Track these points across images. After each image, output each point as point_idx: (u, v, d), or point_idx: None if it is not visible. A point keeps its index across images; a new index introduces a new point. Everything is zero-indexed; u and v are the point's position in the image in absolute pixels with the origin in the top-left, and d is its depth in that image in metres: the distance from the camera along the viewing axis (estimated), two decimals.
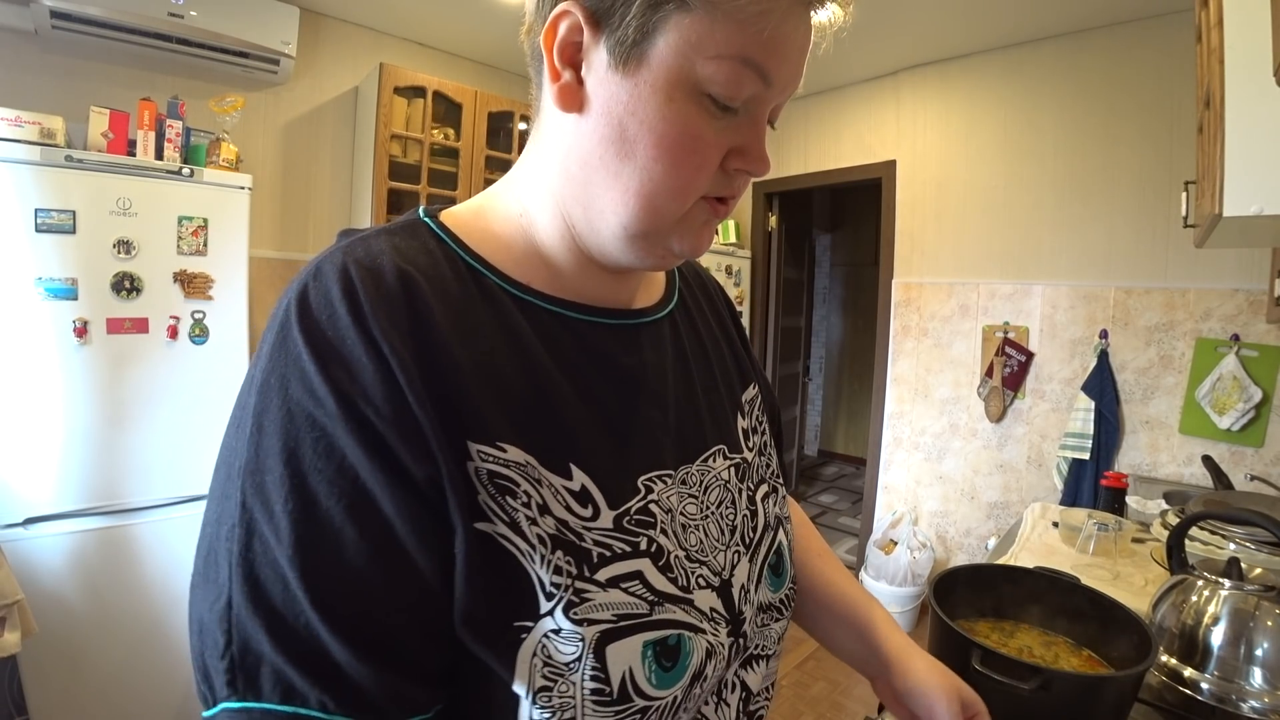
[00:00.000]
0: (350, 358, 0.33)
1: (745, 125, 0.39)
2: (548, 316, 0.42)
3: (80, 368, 1.61)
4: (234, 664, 0.30)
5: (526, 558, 0.35)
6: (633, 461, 0.42)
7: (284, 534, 0.31)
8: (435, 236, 0.41)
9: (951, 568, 0.88)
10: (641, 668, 0.36)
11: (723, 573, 0.44)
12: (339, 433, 0.32)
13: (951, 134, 2.81)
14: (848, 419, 5.66)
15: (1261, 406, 2.04)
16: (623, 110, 0.37)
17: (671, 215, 0.39)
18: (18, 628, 1.41)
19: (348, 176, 2.66)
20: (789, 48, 0.38)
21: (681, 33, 0.36)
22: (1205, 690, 0.77)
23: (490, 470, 0.35)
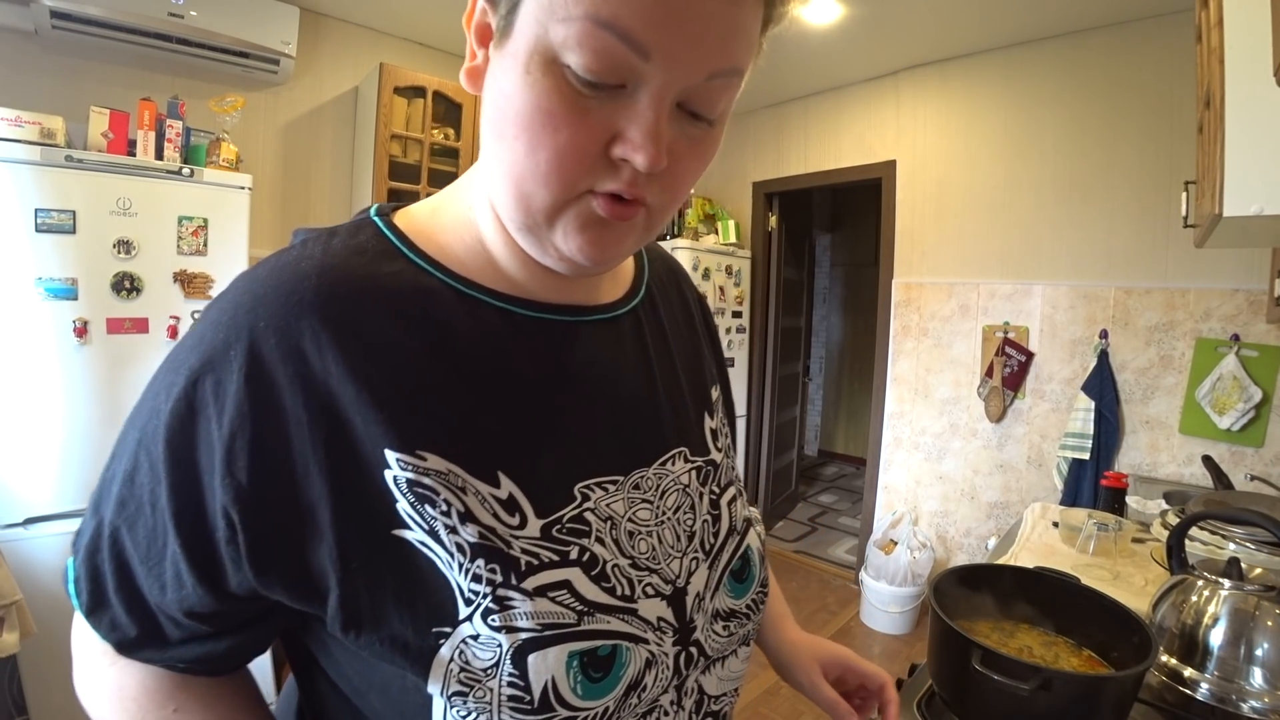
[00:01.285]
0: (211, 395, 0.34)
1: (629, 106, 0.33)
2: (493, 314, 0.41)
3: (80, 368, 1.61)
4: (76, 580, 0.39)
5: (445, 565, 0.35)
6: (571, 468, 0.41)
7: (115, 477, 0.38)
8: (380, 236, 0.40)
9: (951, 568, 0.88)
10: (566, 678, 0.36)
11: (676, 580, 0.43)
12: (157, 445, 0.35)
13: (951, 134, 2.81)
14: (848, 419, 5.66)
15: (1261, 406, 2.04)
16: (495, 87, 0.35)
17: (541, 205, 0.35)
18: (16, 628, 1.41)
19: (348, 176, 2.66)
20: (674, 6, 0.30)
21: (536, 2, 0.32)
22: (1205, 690, 0.77)
23: (410, 479, 0.35)
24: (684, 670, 0.42)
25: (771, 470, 3.85)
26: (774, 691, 2.34)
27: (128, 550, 0.36)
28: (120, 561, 0.37)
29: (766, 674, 2.45)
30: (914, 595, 2.73)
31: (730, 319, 3.49)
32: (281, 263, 0.37)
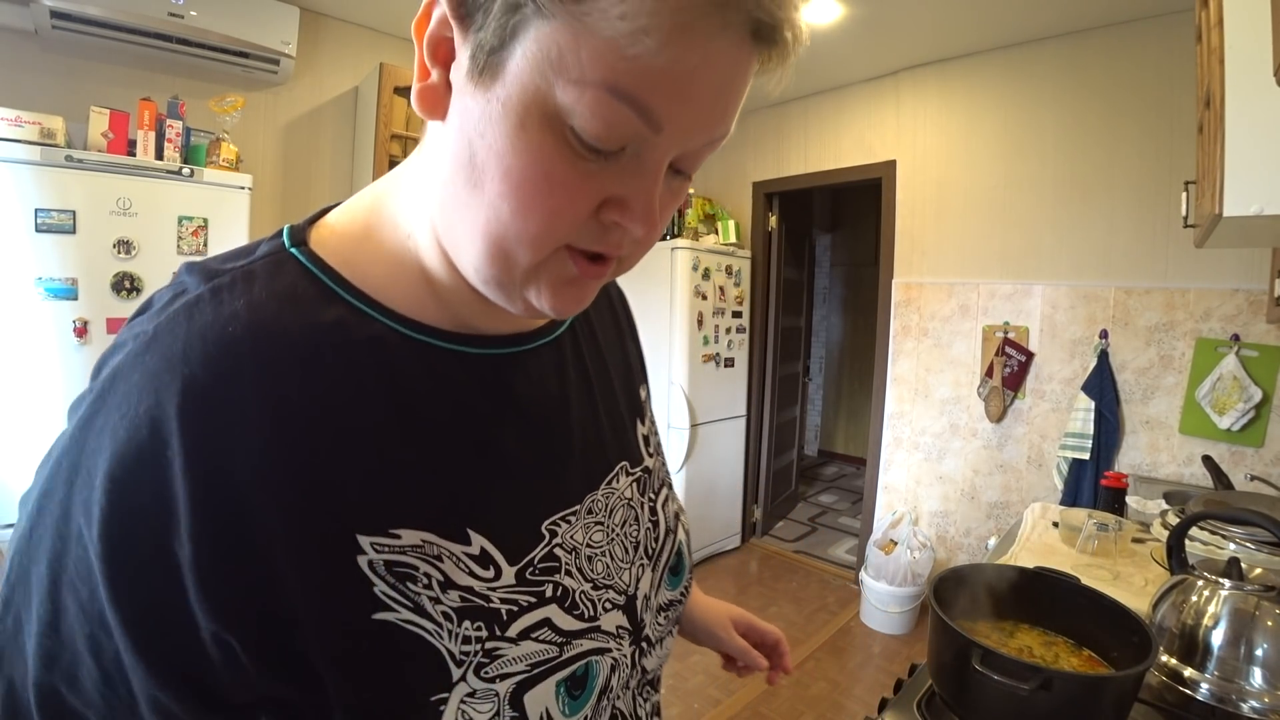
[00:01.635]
0: (161, 495, 0.28)
1: (630, 172, 0.31)
2: (446, 357, 0.38)
3: (80, 368, 1.61)
4: None
5: (434, 636, 0.34)
6: (535, 507, 0.40)
7: (33, 631, 0.29)
8: (308, 275, 0.35)
9: (951, 568, 0.88)
10: (555, 703, 0.37)
11: (628, 589, 0.45)
12: (98, 567, 0.28)
13: (951, 134, 2.81)
14: (848, 419, 5.66)
15: (1261, 406, 2.05)
16: (473, 129, 0.31)
17: (522, 265, 0.33)
18: None
19: (348, 176, 2.66)
20: (692, 81, 0.28)
21: (541, 45, 0.28)
22: (1205, 690, 0.78)
23: (386, 560, 0.33)
24: (637, 662, 0.45)
25: (771, 470, 3.85)
26: (774, 692, 2.34)
27: (71, 711, 0.29)
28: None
29: None
30: (914, 595, 2.73)
31: (730, 319, 3.49)
32: (200, 325, 0.31)
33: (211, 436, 0.29)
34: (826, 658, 2.59)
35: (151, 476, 0.28)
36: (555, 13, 0.27)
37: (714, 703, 2.26)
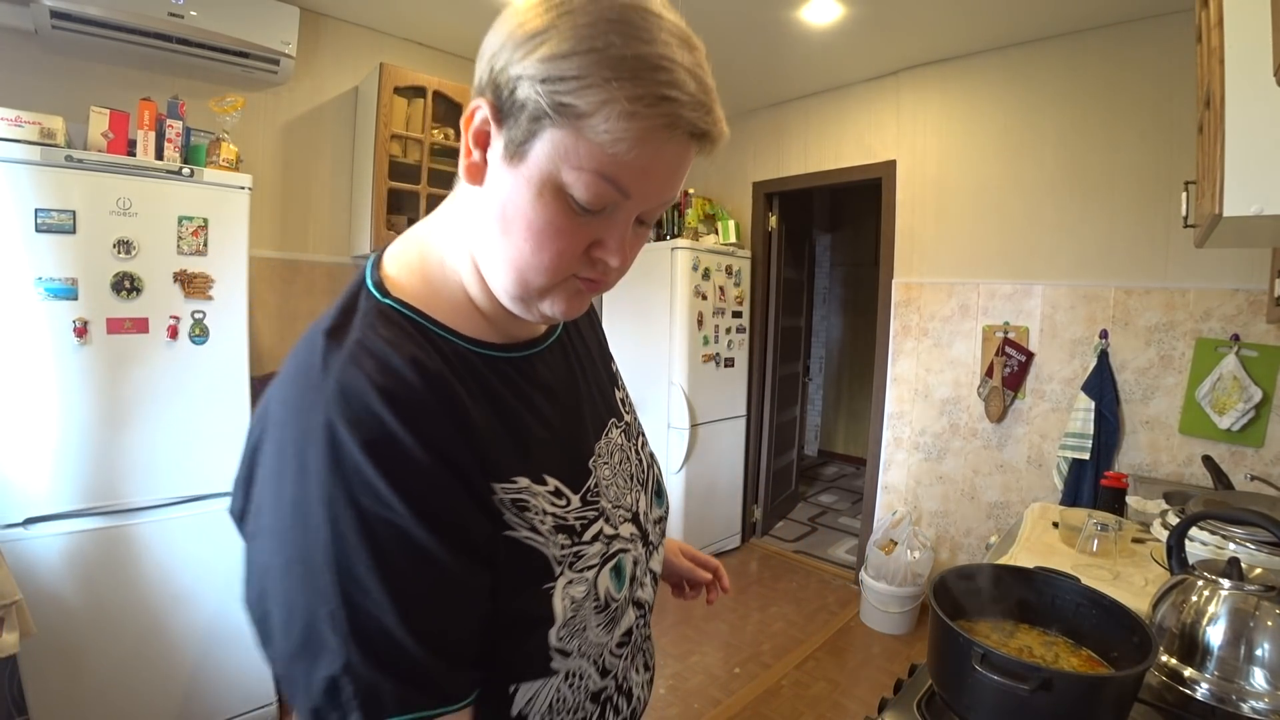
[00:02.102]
0: (411, 465, 0.42)
1: (607, 224, 0.47)
2: (502, 363, 0.54)
3: (80, 368, 1.61)
4: (364, 701, 0.40)
5: (542, 545, 0.50)
6: (580, 454, 0.58)
7: (384, 605, 0.41)
8: (408, 320, 0.50)
9: (951, 568, 0.88)
10: (610, 583, 0.55)
11: (634, 508, 0.62)
12: (412, 527, 0.41)
13: (951, 134, 2.81)
14: (848, 419, 5.66)
15: (1261, 406, 2.05)
16: (505, 195, 0.46)
17: (538, 286, 0.48)
18: (16, 628, 1.41)
19: (348, 176, 2.66)
20: (651, 169, 0.44)
21: (554, 143, 0.43)
22: (1205, 690, 0.78)
23: (511, 499, 0.49)
24: (646, 561, 0.63)
25: (771, 470, 3.85)
26: (774, 691, 2.34)
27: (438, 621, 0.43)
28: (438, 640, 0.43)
29: (767, 674, 2.45)
30: (914, 595, 2.73)
31: (730, 319, 3.49)
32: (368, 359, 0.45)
33: (418, 422, 0.43)
34: (826, 658, 2.59)
35: (399, 454, 0.42)
36: (564, 125, 0.42)
37: (714, 703, 2.26)
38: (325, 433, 0.41)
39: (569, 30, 0.41)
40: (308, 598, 0.41)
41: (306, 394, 0.44)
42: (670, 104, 0.41)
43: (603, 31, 0.41)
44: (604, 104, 0.40)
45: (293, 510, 0.42)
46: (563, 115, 0.41)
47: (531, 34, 0.42)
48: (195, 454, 1.80)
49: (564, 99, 0.41)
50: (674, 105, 0.41)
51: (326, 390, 0.43)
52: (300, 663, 0.41)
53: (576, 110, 0.41)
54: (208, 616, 1.84)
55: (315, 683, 0.41)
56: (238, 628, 1.90)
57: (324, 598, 0.40)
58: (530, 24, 0.42)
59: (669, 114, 0.41)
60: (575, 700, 0.55)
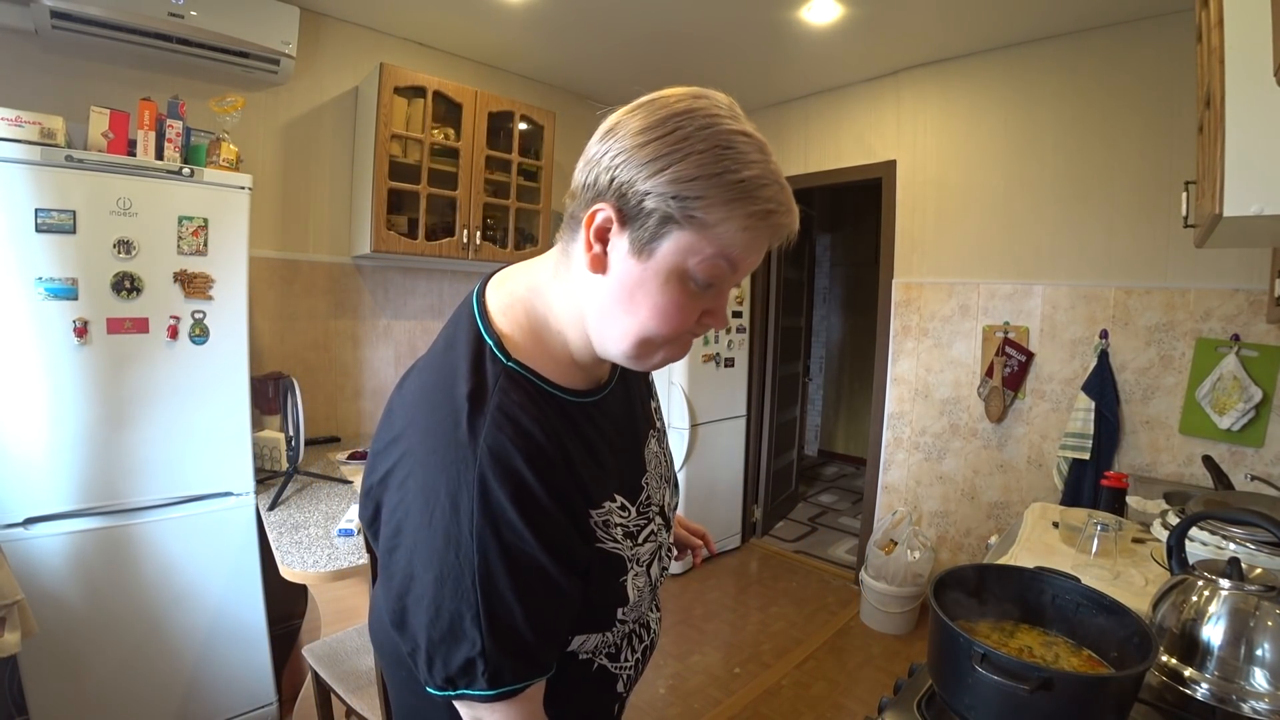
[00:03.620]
0: (543, 511, 0.56)
1: (714, 295, 0.59)
2: (590, 409, 0.67)
3: (80, 368, 1.61)
4: (491, 674, 0.56)
5: (619, 550, 0.66)
6: (636, 472, 0.73)
7: (514, 611, 0.56)
8: (529, 382, 0.62)
9: (951, 568, 0.88)
10: (657, 571, 0.73)
11: (663, 503, 0.76)
12: (538, 554, 0.56)
13: (951, 134, 2.81)
14: (848, 419, 5.66)
15: (1261, 406, 2.04)
16: (634, 283, 0.57)
17: (658, 348, 0.61)
18: (18, 628, 1.41)
19: (348, 176, 2.66)
20: (754, 252, 0.57)
21: (681, 242, 0.54)
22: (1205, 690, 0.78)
23: (602, 519, 0.64)
24: (669, 542, 0.79)
25: (771, 470, 3.85)
26: (774, 691, 2.34)
27: (549, 620, 0.59)
28: (546, 633, 0.59)
29: (767, 674, 2.45)
30: (914, 595, 2.73)
31: (730, 319, 3.49)
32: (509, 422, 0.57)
33: (548, 478, 0.57)
34: (826, 658, 2.59)
35: (535, 504, 0.56)
36: (691, 229, 0.54)
37: (714, 703, 2.26)
38: (479, 485, 0.55)
39: (693, 158, 0.52)
40: (456, 603, 0.55)
41: (458, 450, 0.56)
42: (774, 216, 0.55)
43: (718, 158, 0.53)
44: (727, 218, 0.53)
45: (444, 538, 0.55)
46: (692, 224, 0.53)
47: (656, 157, 0.53)
48: (195, 454, 1.80)
49: (694, 213, 0.53)
50: (776, 217, 0.56)
51: (479, 451, 0.55)
52: (442, 646, 0.56)
53: (706, 222, 0.53)
54: (208, 616, 1.84)
55: (454, 661, 0.56)
56: (238, 628, 1.91)
57: (469, 603, 0.55)
58: (652, 148, 0.53)
59: (774, 224, 0.56)
60: (612, 640, 0.71)
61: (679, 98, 0.55)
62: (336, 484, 2.08)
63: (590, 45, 2.81)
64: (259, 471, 1.98)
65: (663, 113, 0.54)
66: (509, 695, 0.57)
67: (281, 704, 2.02)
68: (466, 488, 0.54)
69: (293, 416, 1.95)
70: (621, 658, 0.74)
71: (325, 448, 2.50)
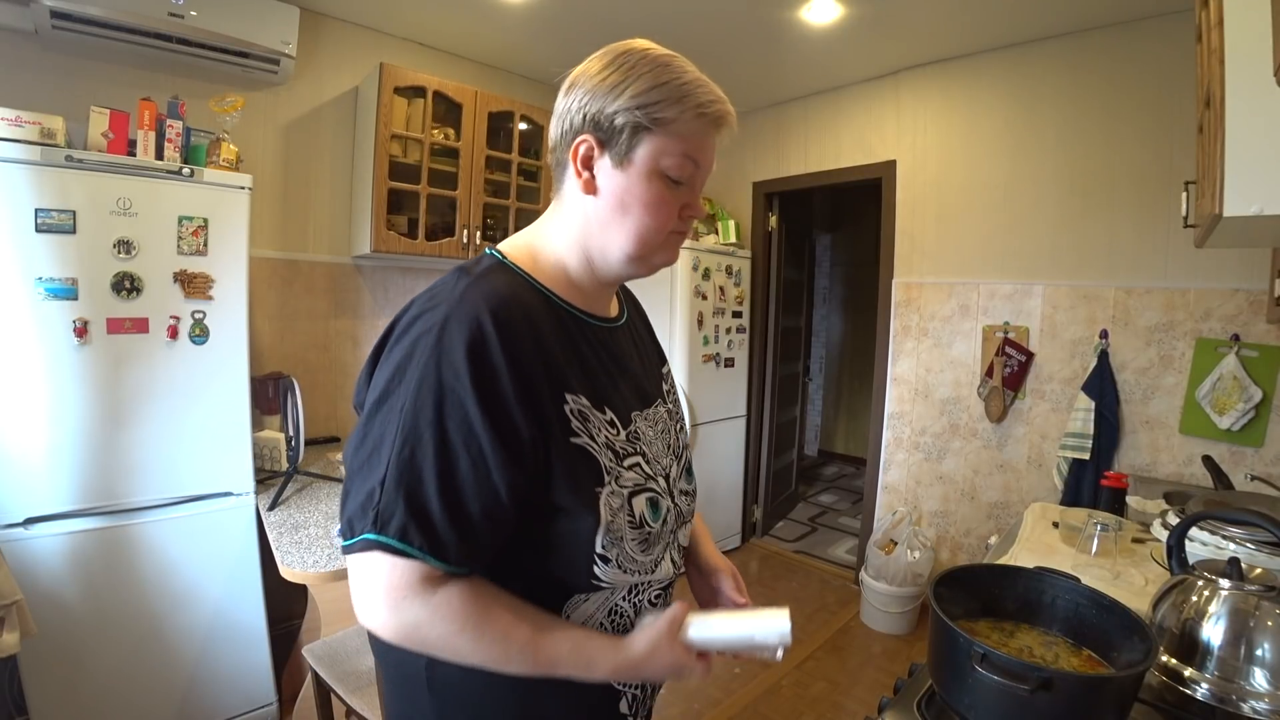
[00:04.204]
0: (494, 360, 0.58)
1: (689, 191, 0.69)
2: (581, 321, 0.71)
3: (80, 368, 1.61)
4: (378, 514, 0.55)
5: (598, 453, 0.65)
6: (627, 404, 0.73)
7: (427, 450, 0.56)
8: (517, 274, 0.68)
9: (951, 568, 0.88)
10: (647, 511, 0.68)
11: (667, 471, 0.75)
12: (471, 405, 0.56)
13: (952, 134, 2.81)
14: (848, 419, 5.66)
15: (1261, 406, 2.04)
16: (623, 190, 0.67)
17: (656, 241, 0.69)
18: (16, 628, 1.41)
19: (348, 176, 2.66)
20: (708, 146, 0.68)
21: (652, 145, 0.65)
22: (1205, 690, 0.78)
23: (577, 409, 0.64)
24: (675, 524, 0.75)
25: (771, 470, 3.85)
26: (774, 691, 2.34)
27: (457, 486, 0.56)
28: (452, 501, 0.56)
29: (766, 674, 2.45)
30: (914, 595, 2.73)
31: (730, 319, 3.49)
32: (486, 288, 0.62)
33: (508, 337, 0.59)
34: (826, 658, 2.59)
35: (486, 353, 0.58)
36: (658, 131, 0.65)
37: (714, 703, 2.26)
38: (440, 325, 0.58)
39: (645, 76, 0.65)
40: (382, 430, 0.57)
41: (436, 299, 0.61)
42: (715, 105, 0.66)
43: (663, 72, 0.65)
44: (681, 114, 0.65)
45: (394, 371, 0.59)
46: (658, 124, 0.64)
47: (614, 85, 0.65)
48: (195, 454, 1.80)
49: (656, 114, 0.64)
50: (717, 105, 0.66)
51: (452, 299, 0.60)
52: (358, 477, 0.58)
53: (667, 119, 0.64)
54: (208, 616, 1.84)
55: (361, 494, 0.57)
56: (237, 628, 1.90)
57: (391, 431, 0.56)
58: (609, 80, 0.65)
59: (717, 112, 0.66)
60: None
61: (618, 45, 0.68)
62: (337, 484, 2.08)
63: (590, 45, 2.76)
64: (259, 471, 1.98)
65: (609, 55, 0.67)
66: (393, 552, 0.55)
67: (281, 704, 2.02)
68: (431, 330, 0.58)
69: (293, 416, 1.95)
70: None
71: (325, 448, 2.50)
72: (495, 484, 0.57)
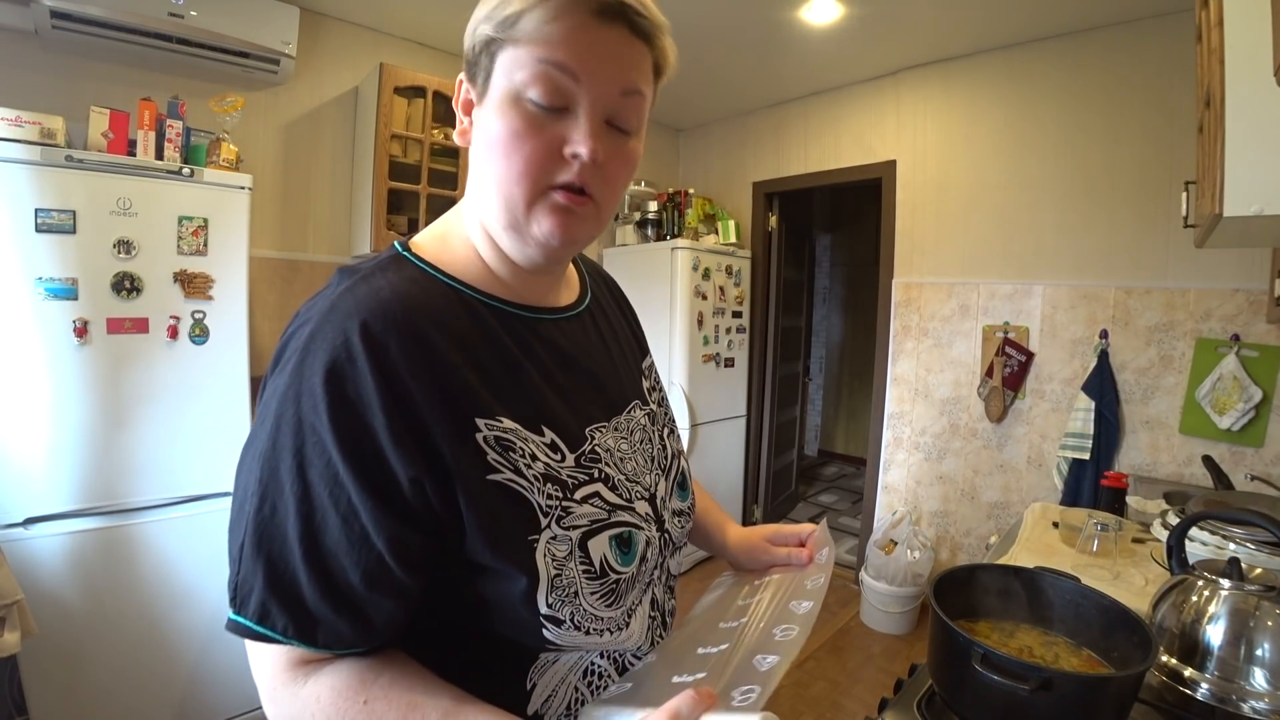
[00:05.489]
0: (360, 388, 0.44)
1: (573, 122, 0.49)
2: (510, 316, 0.56)
3: (80, 368, 1.61)
4: (237, 588, 0.45)
5: (528, 492, 0.50)
6: (579, 418, 0.57)
7: (288, 505, 0.44)
8: (417, 268, 0.53)
9: (951, 568, 0.88)
10: (611, 552, 0.53)
11: (651, 489, 0.61)
12: (328, 440, 0.44)
13: (952, 134, 2.81)
14: (848, 419, 5.66)
15: (1261, 406, 2.04)
16: (480, 132, 0.51)
17: (520, 200, 0.50)
18: (17, 628, 1.41)
19: (348, 176, 2.66)
20: (589, 48, 0.48)
21: (503, 63, 0.49)
22: (1205, 690, 0.78)
23: (495, 436, 0.49)
24: (663, 552, 0.61)
25: (771, 470, 3.85)
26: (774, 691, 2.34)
27: (327, 549, 0.44)
28: (320, 568, 0.44)
29: None
30: (914, 595, 2.73)
31: (730, 319, 3.49)
32: (363, 293, 0.48)
33: (381, 354, 0.45)
34: (826, 658, 2.59)
35: (351, 379, 0.44)
36: (507, 42, 0.48)
37: None
38: (305, 343, 0.46)
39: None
40: (245, 479, 0.46)
41: (308, 312, 0.49)
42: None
43: None
44: (527, 10, 0.47)
45: (262, 406, 0.48)
46: (502, 31, 0.48)
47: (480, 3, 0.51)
48: (195, 454, 1.80)
49: (498, 16, 0.48)
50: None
51: (320, 311, 0.48)
52: (232, 532, 0.47)
53: (510, 19, 0.47)
54: (208, 616, 1.84)
55: (232, 557, 0.47)
56: None
57: (254, 482, 0.45)
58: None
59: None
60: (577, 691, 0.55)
61: None
62: None
63: None
64: None
65: None
66: (254, 636, 0.44)
67: None
68: (297, 351, 0.46)
69: None
70: None
71: None
72: (374, 545, 0.44)
